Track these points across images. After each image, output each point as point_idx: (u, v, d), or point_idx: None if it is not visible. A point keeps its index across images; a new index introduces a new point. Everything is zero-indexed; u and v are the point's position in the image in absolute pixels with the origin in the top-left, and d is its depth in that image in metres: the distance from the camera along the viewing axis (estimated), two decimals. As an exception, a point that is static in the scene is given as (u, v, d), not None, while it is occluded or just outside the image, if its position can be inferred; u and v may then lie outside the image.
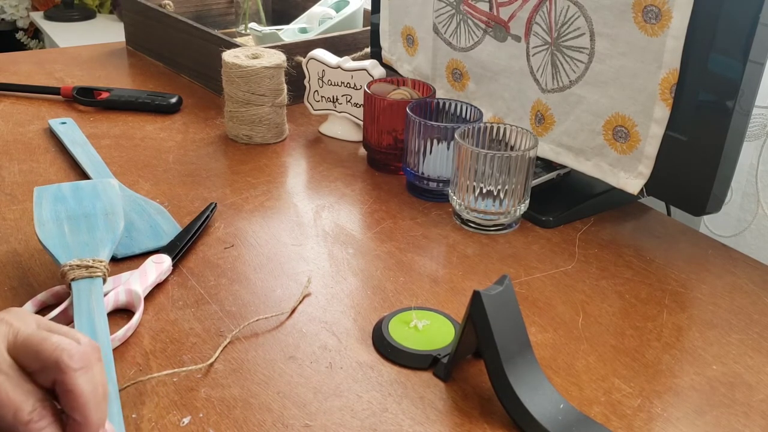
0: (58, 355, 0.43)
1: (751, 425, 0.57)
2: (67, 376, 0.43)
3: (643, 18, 0.73)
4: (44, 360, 0.43)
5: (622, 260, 0.78)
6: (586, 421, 0.55)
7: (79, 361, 0.44)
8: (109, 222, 0.70)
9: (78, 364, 0.44)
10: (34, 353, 0.44)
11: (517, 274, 0.75)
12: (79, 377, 0.44)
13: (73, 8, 2.58)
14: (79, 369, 0.44)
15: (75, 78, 1.23)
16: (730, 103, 0.69)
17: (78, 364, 0.44)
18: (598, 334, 0.66)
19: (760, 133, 0.91)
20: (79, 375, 0.44)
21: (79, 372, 0.44)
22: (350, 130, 1.04)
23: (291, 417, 0.56)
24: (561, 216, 0.84)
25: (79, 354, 0.44)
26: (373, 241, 0.79)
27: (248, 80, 0.97)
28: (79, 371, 0.44)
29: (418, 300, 0.70)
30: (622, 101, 0.78)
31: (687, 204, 0.77)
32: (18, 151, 0.96)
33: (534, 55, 0.86)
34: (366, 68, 0.99)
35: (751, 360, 0.64)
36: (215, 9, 1.43)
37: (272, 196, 0.88)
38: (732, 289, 0.74)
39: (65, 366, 0.43)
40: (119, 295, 0.66)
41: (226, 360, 0.61)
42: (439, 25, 0.97)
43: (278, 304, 0.68)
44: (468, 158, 0.78)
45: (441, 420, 0.56)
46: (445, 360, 0.60)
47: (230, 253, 0.76)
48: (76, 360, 0.44)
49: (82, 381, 0.44)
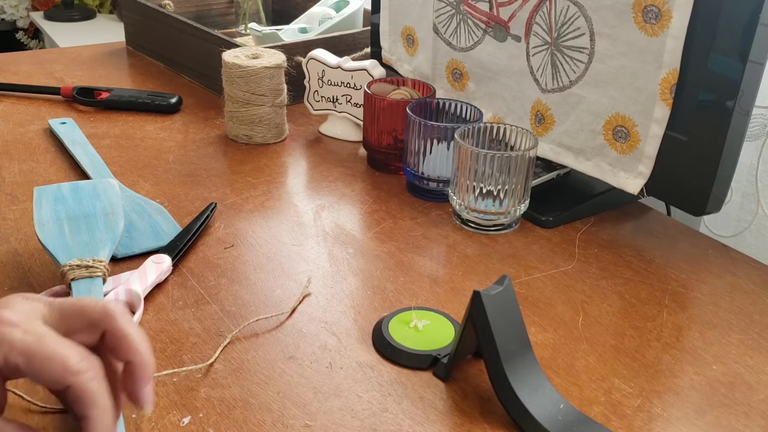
0: (103, 306, 0.47)
1: (751, 425, 0.57)
2: (117, 322, 0.47)
3: (643, 18, 0.73)
4: (90, 314, 0.47)
5: (622, 260, 0.78)
6: (586, 421, 0.55)
7: (123, 311, 0.48)
8: (109, 222, 0.70)
9: (123, 313, 0.48)
10: (78, 312, 0.47)
11: (517, 274, 0.75)
12: (128, 323, 0.47)
13: (73, 8, 2.59)
14: (125, 316, 0.47)
15: (75, 78, 1.23)
16: (730, 103, 0.69)
17: (123, 313, 0.48)
18: (598, 334, 0.66)
19: (760, 133, 0.91)
20: (127, 321, 0.47)
21: (125, 318, 0.47)
22: (350, 130, 1.04)
23: (291, 417, 0.56)
24: (561, 216, 0.84)
25: (120, 306, 0.48)
26: (373, 241, 0.79)
27: (248, 80, 0.97)
28: (125, 318, 0.47)
29: (418, 300, 0.70)
30: (622, 101, 0.78)
31: (687, 204, 0.77)
32: (18, 151, 0.96)
33: (534, 55, 0.86)
34: (366, 68, 0.99)
35: (751, 360, 0.64)
36: (215, 9, 1.43)
37: (272, 196, 0.88)
38: (732, 289, 0.74)
39: (113, 313, 0.47)
40: (119, 295, 0.66)
41: (226, 360, 0.61)
42: (439, 25, 0.97)
43: (278, 304, 0.68)
44: (468, 158, 0.78)
45: (441, 420, 0.56)
46: (445, 360, 0.60)
47: (230, 253, 0.76)
48: (120, 310, 0.48)
49: (131, 326, 0.47)
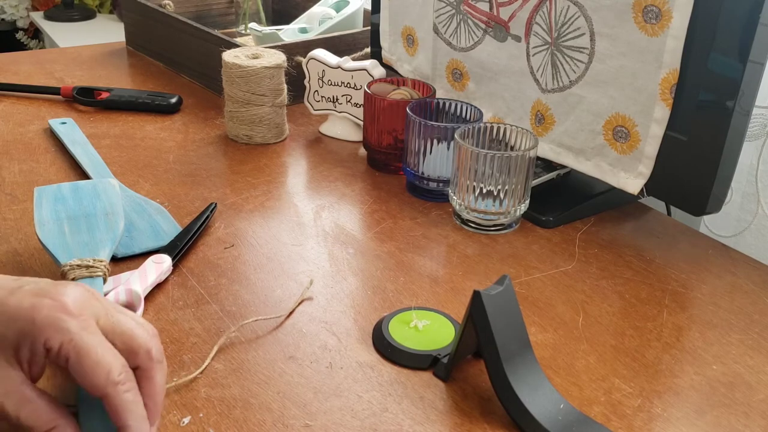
0: (150, 347, 0.48)
1: (751, 425, 0.57)
2: (153, 366, 0.48)
3: (643, 18, 0.73)
4: (135, 346, 0.48)
5: (622, 260, 0.78)
6: (586, 421, 0.55)
7: (161, 356, 0.49)
8: (109, 222, 0.70)
9: (161, 358, 0.49)
10: (128, 337, 0.48)
11: (517, 274, 0.75)
12: (160, 369, 0.49)
13: (73, 8, 2.58)
14: (161, 362, 0.49)
15: (75, 78, 1.22)
16: (730, 103, 0.69)
17: (161, 358, 0.49)
18: (598, 334, 0.66)
19: (760, 133, 0.91)
20: (161, 368, 0.49)
21: (161, 365, 0.49)
22: (350, 130, 1.04)
23: (291, 417, 0.56)
24: (561, 216, 0.84)
25: (161, 349, 0.50)
26: (373, 241, 0.79)
27: (248, 80, 0.97)
28: (161, 364, 0.49)
29: (418, 300, 0.70)
30: (623, 101, 0.78)
31: (687, 204, 0.77)
32: (18, 151, 0.96)
33: (534, 55, 0.86)
34: (366, 68, 0.99)
35: (751, 360, 0.64)
36: (215, 9, 1.43)
37: (272, 196, 0.88)
38: (732, 289, 0.74)
39: (155, 357, 0.48)
40: (119, 295, 0.66)
41: (226, 360, 0.61)
42: (439, 25, 0.97)
43: (278, 304, 0.68)
44: (468, 158, 0.78)
45: (441, 420, 0.56)
46: (445, 360, 0.60)
47: (230, 253, 0.76)
48: (161, 354, 0.49)
49: (161, 373, 0.49)
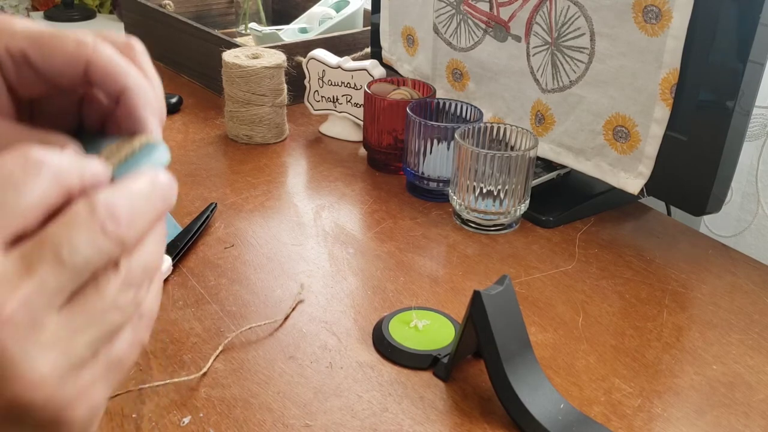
0: (75, 36, 0.34)
1: (751, 425, 0.57)
2: (97, 50, 0.34)
3: (643, 18, 0.73)
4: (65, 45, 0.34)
5: (622, 260, 0.78)
6: (586, 421, 0.55)
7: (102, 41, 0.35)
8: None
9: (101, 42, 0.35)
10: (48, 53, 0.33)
11: (517, 274, 0.75)
12: (110, 49, 0.34)
13: (73, 8, 2.58)
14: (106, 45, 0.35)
15: (75, 78, 1.22)
16: (730, 103, 0.69)
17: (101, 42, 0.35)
18: (598, 334, 0.66)
19: (760, 133, 0.91)
20: (109, 48, 0.35)
21: (106, 46, 0.35)
22: (350, 130, 1.04)
23: (291, 417, 0.56)
24: (561, 216, 0.84)
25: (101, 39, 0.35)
26: (373, 241, 0.79)
27: (248, 80, 0.97)
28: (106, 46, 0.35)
29: (418, 300, 0.70)
30: (623, 101, 0.78)
31: (687, 204, 0.77)
32: (18, 151, 0.96)
33: (534, 55, 0.86)
34: (366, 68, 0.99)
35: (751, 360, 0.64)
36: (215, 9, 1.43)
37: (272, 196, 0.88)
38: (732, 289, 0.74)
39: (86, 40, 0.34)
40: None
41: (227, 360, 0.61)
42: (440, 25, 0.97)
43: (278, 304, 0.68)
44: (468, 158, 0.78)
45: (441, 420, 0.56)
46: (445, 360, 0.60)
47: (230, 253, 0.76)
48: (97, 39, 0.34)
49: (116, 54, 0.35)
